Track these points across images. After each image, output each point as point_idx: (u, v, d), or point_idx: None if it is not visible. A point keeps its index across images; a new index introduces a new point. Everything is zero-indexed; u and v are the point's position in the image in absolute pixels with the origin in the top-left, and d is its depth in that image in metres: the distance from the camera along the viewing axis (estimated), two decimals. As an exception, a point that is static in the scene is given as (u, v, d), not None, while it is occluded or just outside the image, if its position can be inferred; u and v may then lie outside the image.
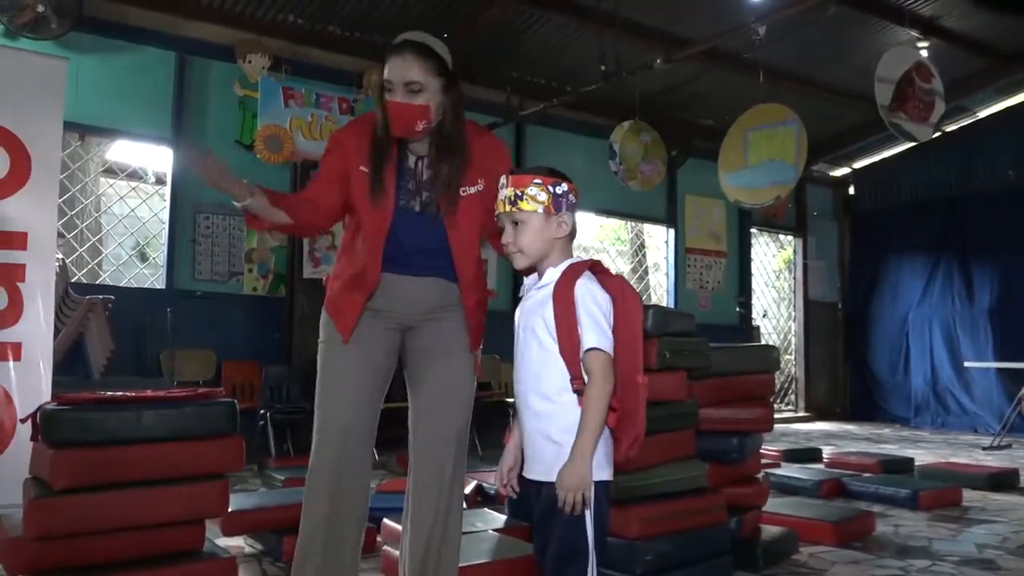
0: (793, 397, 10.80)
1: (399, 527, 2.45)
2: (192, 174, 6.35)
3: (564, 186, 1.88)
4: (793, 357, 10.87)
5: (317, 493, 2.15)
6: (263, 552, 3.35)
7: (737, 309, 9.89)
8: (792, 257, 11.03)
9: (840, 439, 8.32)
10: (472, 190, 2.21)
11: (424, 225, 2.19)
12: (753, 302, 10.26)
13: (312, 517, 2.15)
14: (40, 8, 5.55)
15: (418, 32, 2.25)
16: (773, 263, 11.17)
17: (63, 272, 5.29)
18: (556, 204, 1.85)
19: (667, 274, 9.47)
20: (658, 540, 2.75)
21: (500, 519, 3.54)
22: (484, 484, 4.44)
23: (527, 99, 7.03)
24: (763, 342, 10.09)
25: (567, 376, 1.79)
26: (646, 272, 9.99)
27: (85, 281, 6.15)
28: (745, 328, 9.82)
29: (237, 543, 3.44)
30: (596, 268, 1.89)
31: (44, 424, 2.23)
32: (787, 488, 4.89)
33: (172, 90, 6.35)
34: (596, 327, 1.77)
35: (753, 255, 10.37)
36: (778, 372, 10.79)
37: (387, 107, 2.15)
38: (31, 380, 3.86)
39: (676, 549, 2.78)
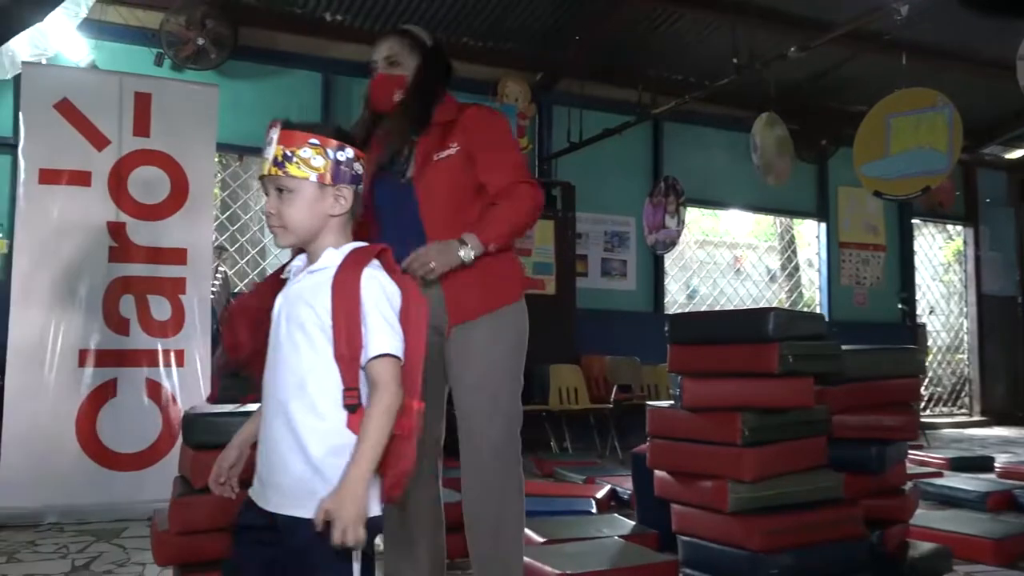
0: (967, 400, 9.99)
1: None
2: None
3: (349, 151, 1.54)
4: (966, 356, 10.06)
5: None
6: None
7: (899, 306, 9.27)
8: (962, 248, 10.21)
9: (1020, 446, 7.61)
10: (443, 154, 2.17)
11: (398, 192, 2.20)
12: (918, 298, 9.59)
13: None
14: (200, 41, 6.03)
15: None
16: (940, 255, 10.39)
17: (225, 284, 5.72)
18: (335, 173, 1.52)
19: (819, 271, 9.03)
20: (784, 553, 2.64)
21: (628, 525, 3.51)
22: (618, 489, 4.41)
23: (661, 96, 6.90)
24: (928, 341, 9.41)
25: (341, 386, 1.46)
26: (796, 269, 9.56)
27: (247, 292, 6.61)
28: (908, 326, 9.19)
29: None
30: (383, 258, 1.57)
31: (184, 428, 2.43)
32: (949, 500, 4.53)
33: (320, 109, 6.72)
34: (389, 328, 1.46)
35: (917, 247, 9.70)
36: (951, 373, 10.08)
37: (370, 85, 2.26)
38: (192, 384, 4.22)
39: (804, 563, 2.66)
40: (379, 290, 1.47)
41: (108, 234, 4.13)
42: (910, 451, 4.35)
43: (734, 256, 9.96)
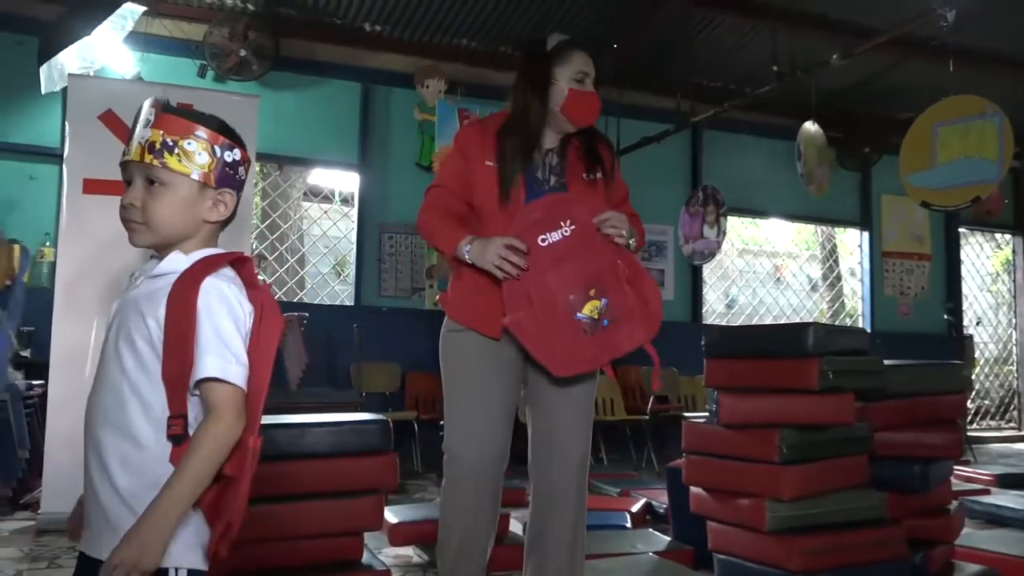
0: (1016, 413, 9.72)
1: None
2: (377, 196, 6.76)
3: (237, 153, 1.37)
4: (1016, 368, 9.79)
5: (454, 529, 2.22)
6: (429, 563, 3.47)
7: (945, 317, 9.05)
8: (1011, 258, 9.95)
9: (1071, 462, 7.38)
10: (593, 176, 2.30)
11: None
12: (965, 308, 9.36)
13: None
14: (243, 53, 6.12)
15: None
16: (988, 265, 10.13)
17: (263, 292, 5.79)
18: (220, 175, 1.33)
19: (862, 280, 8.86)
20: (824, 574, 2.58)
21: (664, 541, 3.46)
22: (653, 502, 4.35)
23: (701, 104, 6.84)
24: (975, 352, 9.17)
25: (167, 411, 1.25)
26: (838, 278, 9.39)
27: (285, 299, 6.68)
28: (955, 337, 8.97)
29: (407, 552, 3.59)
30: (240, 266, 1.35)
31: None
32: (996, 519, 4.40)
33: (358, 118, 6.77)
34: (222, 349, 1.24)
35: (964, 256, 9.46)
36: (999, 386, 9.81)
37: (579, 97, 2.26)
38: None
39: (845, 585, 2.60)
40: (219, 303, 1.25)
41: (149, 244, 4.18)
42: (956, 467, 4.24)
43: (774, 265, 9.82)
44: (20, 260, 5.15)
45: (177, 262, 1.31)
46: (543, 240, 2.11)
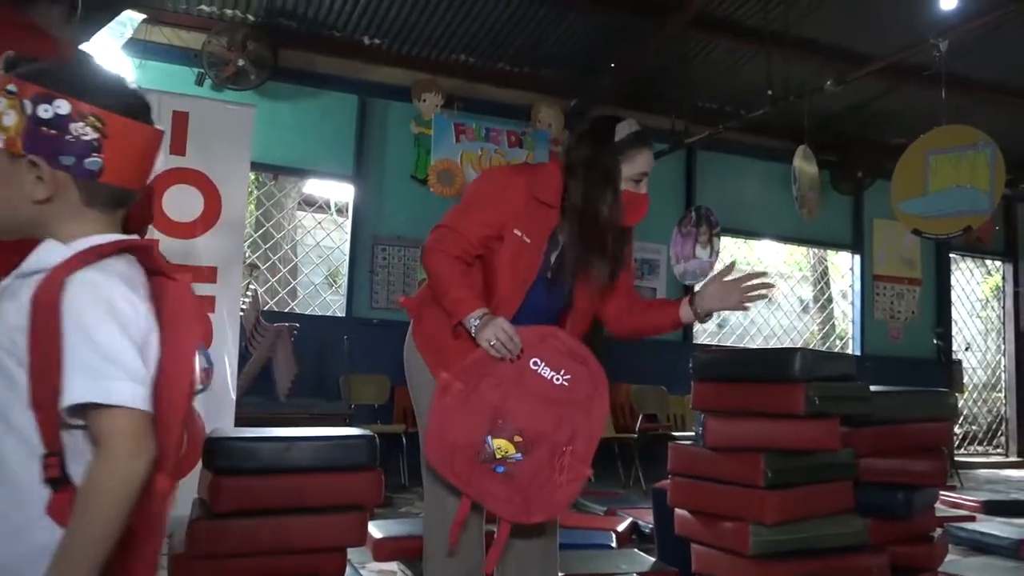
0: (1003, 439, 9.75)
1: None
2: (371, 207, 6.77)
3: (63, 105, 1.01)
4: (1003, 395, 9.83)
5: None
6: (413, 579, 3.46)
7: (935, 341, 9.09)
8: (1001, 284, 10.01)
9: (1057, 490, 7.40)
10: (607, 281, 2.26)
11: (554, 292, 2.22)
12: (954, 333, 9.40)
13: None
14: (240, 62, 6.14)
15: (631, 119, 2.23)
16: (978, 290, 10.18)
17: (255, 302, 5.78)
18: (32, 139, 1.01)
19: (852, 303, 8.89)
20: (806, 600, 2.58)
21: (648, 562, 3.45)
22: (639, 522, 4.35)
23: (695, 124, 6.88)
24: (964, 378, 9.20)
25: (40, 447, 0.98)
26: (829, 300, 9.43)
27: (276, 309, 6.67)
28: (944, 362, 9.00)
29: (391, 567, 3.58)
30: (142, 253, 1.08)
31: (205, 452, 2.44)
32: (980, 546, 4.41)
33: (355, 130, 6.79)
34: (102, 362, 0.95)
35: (954, 282, 9.51)
36: (987, 411, 9.84)
37: (634, 199, 2.18)
38: (218, 405, 4.24)
39: (827, 611, 2.60)
40: (94, 304, 0.97)
41: (141, 251, 4.18)
42: (942, 493, 4.24)
43: (766, 286, 9.85)
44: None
45: (50, 254, 1.03)
46: (535, 364, 2.06)
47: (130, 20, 5.46)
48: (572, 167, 2.16)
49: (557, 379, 2.06)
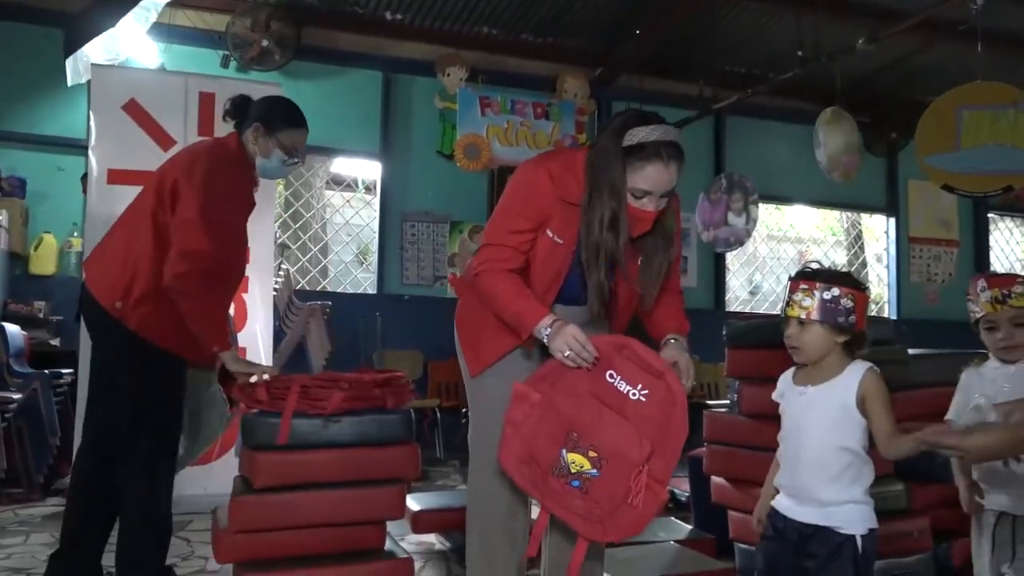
0: (1045, 401, 9.57)
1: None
2: (399, 184, 6.78)
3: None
4: (1045, 356, 9.64)
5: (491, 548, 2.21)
6: (452, 550, 3.50)
7: (973, 303, 8.91)
8: (1042, 243, 9.79)
9: (1102, 451, 7.26)
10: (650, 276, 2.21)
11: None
12: (993, 295, 9.20)
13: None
14: (264, 43, 6.15)
15: (671, 127, 2.12)
16: (1018, 251, 9.96)
17: (287, 282, 5.83)
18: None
19: (888, 267, 8.76)
20: (845, 565, 2.56)
21: (685, 529, 3.46)
22: (675, 491, 4.35)
23: (723, 90, 6.78)
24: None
25: None
26: (864, 265, 9.29)
27: (307, 288, 6.73)
28: (983, 324, 8.82)
29: (430, 539, 3.62)
30: None
31: (243, 430, 2.48)
32: None
33: (380, 107, 6.78)
34: None
35: (993, 243, 9.31)
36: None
37: (632, 212, 2.06)
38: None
39: (867, 576, 2.57)
40: None
41: (173, 233, 4.22)
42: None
43: (799, 251, 9.71)
44: None
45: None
46: (611, 377, 1.99)
47: (154, 4, 5.49)
48: (587, 165, 2.09)
49: (634, 394, 1.97)
